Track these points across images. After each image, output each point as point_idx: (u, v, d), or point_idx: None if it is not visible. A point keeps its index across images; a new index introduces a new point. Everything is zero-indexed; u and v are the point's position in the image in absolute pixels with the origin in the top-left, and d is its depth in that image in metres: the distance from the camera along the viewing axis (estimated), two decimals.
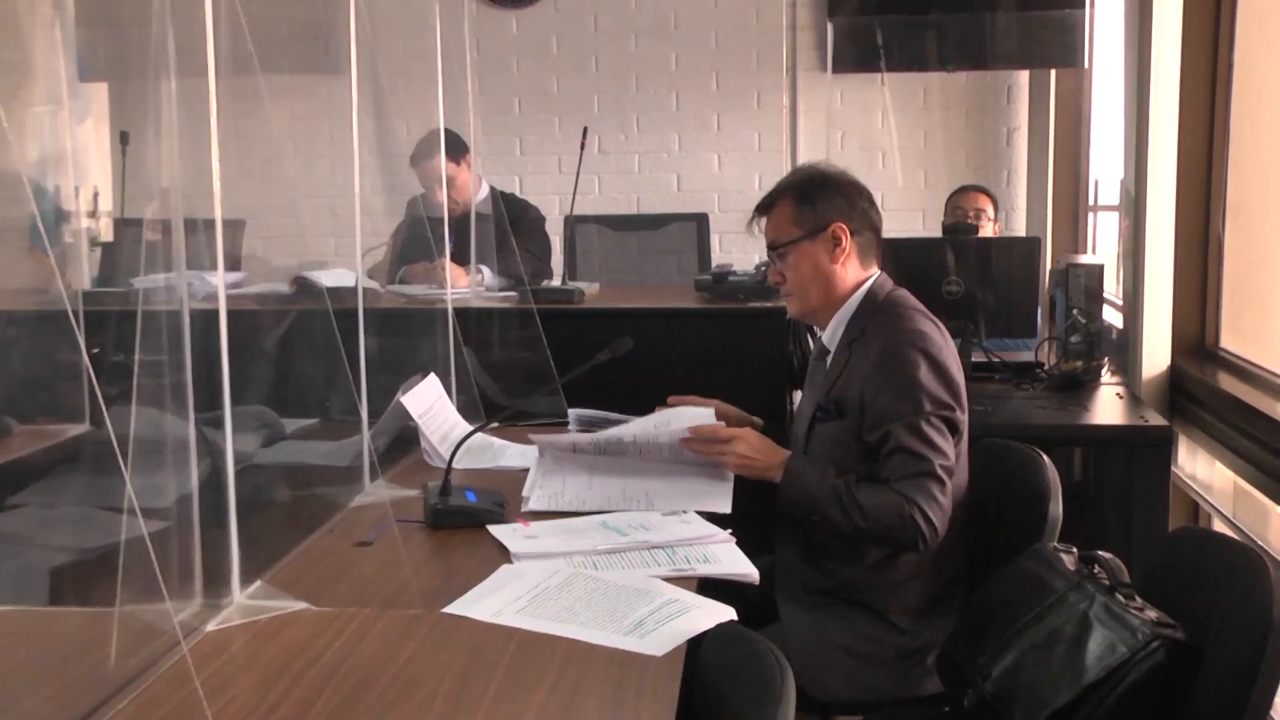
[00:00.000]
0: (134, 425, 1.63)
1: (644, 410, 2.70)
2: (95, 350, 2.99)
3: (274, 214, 4.67)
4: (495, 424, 2.75)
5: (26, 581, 2.04)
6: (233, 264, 3.76)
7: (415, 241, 4.13)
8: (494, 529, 2.17)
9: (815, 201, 2.43)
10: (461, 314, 3.16)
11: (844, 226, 2.42)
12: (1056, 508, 2.25)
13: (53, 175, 4.04)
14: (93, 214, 4.34)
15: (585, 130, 4.20)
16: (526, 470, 2.53)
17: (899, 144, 5.95)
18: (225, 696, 1.49)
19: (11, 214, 4.43)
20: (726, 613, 1.78)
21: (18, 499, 2.50)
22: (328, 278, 3.74)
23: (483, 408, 2.94)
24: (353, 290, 3.46)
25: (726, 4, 5.91)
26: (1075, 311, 3.59)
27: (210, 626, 1.72)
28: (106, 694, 1.49)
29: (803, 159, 5.03)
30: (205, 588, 1.77)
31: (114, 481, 2.33)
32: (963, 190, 5.04)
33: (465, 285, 3.98)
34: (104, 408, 1.40)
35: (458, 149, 4.17)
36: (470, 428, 2.58)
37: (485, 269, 4.08)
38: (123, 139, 4.29)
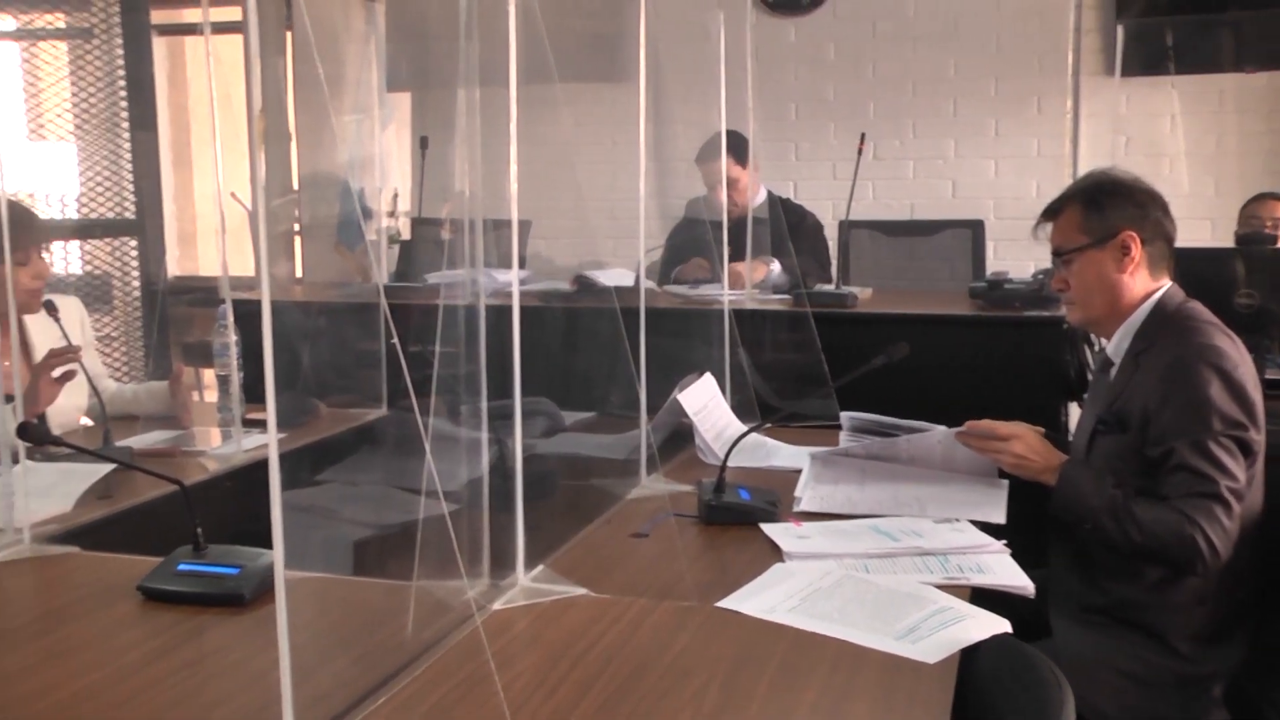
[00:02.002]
0: (432, 412, 1.73)
1: (916, 416, 2.68)
2: (393, 341, 3.21)
3: (556, 215, 4.86)
4: (769, 424, 2.78)
5: (333, 552, 2.21)
6: (518, 263, 3.94)
7: (693, 243, 4.21)
8: (766, 527, 2.20)
9: (1105, 208, 2.36)
10: (737, 315, 3.20)
11: (1134, 235, 2.33)
12: None
13: (359, 178, 4.34)
14: (392, 214, 4.63)
15: (863, 136, 4.18)
16: (798, 471, 2.55)
17: (1187, 149, 5.65)
18: (511, 672, 1.57)
19: (321, 214, 4.77)
20: (1001, 624, 1.75)
21: (324, 475, 2.69)
22: (607, 277, 3.87)
23: (757, 408, 2.97)
24: (629, 289, 3.57)
25: (1009, 8, 5.76)
26: None
27: (496, 605, 1.81)
28: (404, 661, 1.60)
29: (1085, 165, 4.85)
30: (492, 568, 1.87)
31: (409, 463, 2.49)
32: (1260, 198, 4.75)
33: (761, 277, 4.03)
34: (412, 394, 1.50)
35: (742, 151, 4.23)
36: (744, 427, 2.62)
37: (775, 263, 4.12)
38: (422, 144, 4.56)
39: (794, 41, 6.03)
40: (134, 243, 4.81)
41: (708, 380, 2.88)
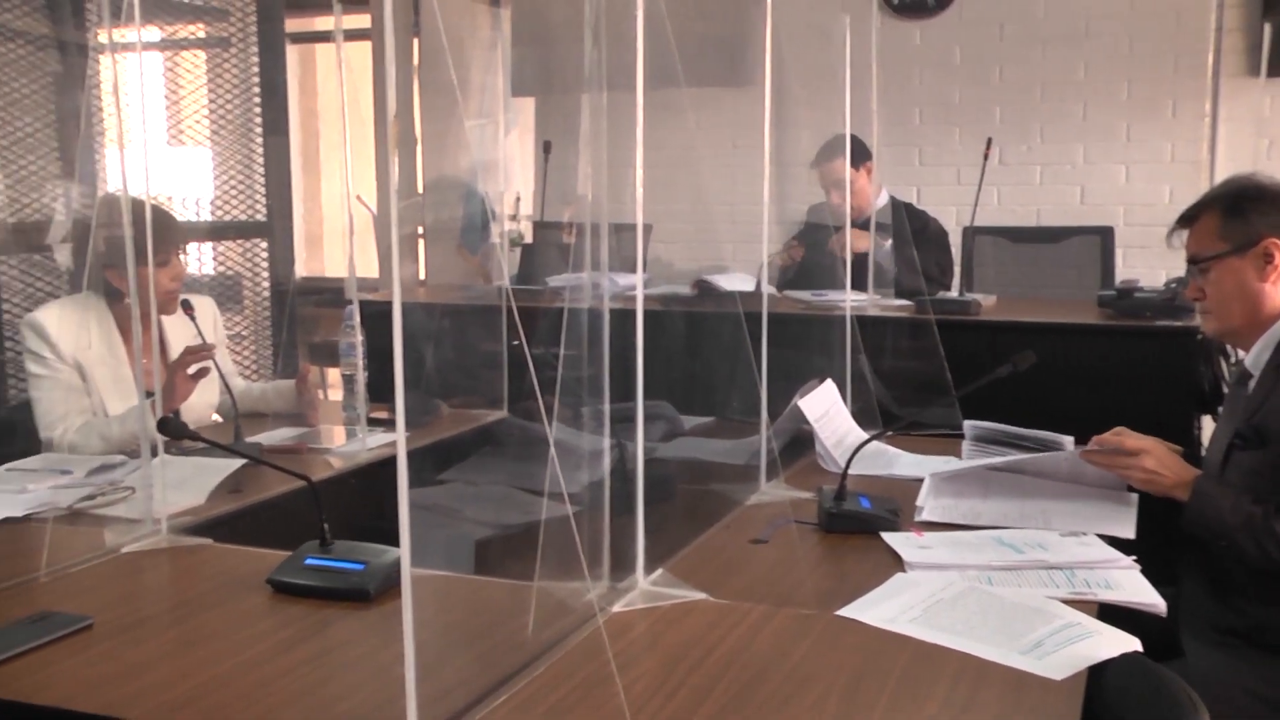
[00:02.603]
0: (556, 414, 1.74)
1: (1041, 427, 2.63)
2: (515, 343, 3.25)
3: (675, 220, 4.87)
4: (890, 432, 2.74)
5: (455, 550, 2.24)
6: (635, 266, 3.96)
7: (814, 248, 4.19)
8: (887, 536, 2.17)
9: (1247, 214, 2.28)
10: (859, 322, 3.16)
11: (1278, 243, 2.25)
12: None
13: (482, 182, 4.40)
14: (514, 217, 4.69)
15: (989, 141, 4.12)
16: (920, 480, 2.52)
17: None
18: (631, 675, 1.57)
19: (445, 217, 4.85)
20: (1131, 643, 1.70)
21: (446, 475, 2.74)
22: (727, 281, 3.87)
23: (879, 415, 2.94)
24: (748, 294, 3.56)
25: (1144, 8, 5.60)
26: None
27: (615, 607, 1.82)
28: (525, 660, 1.61)
29: (1223, 170, 4.71)
30: (611, 571, 1.87)
31: (530, 465, 2.52)
32: None
33: (865, 246, 3.99)
34: (539, 395, 1.51)
35: (859, 154, 4.19)
36: (865, 434, 2.60)
37: (888, 241, 4.08)
38: (545, 148, 4.61)
39: (919, 45, 5.95)
40: (264, 244, 4.94)
41: (829, 387, 2.85)
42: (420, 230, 5.18)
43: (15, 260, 4.07)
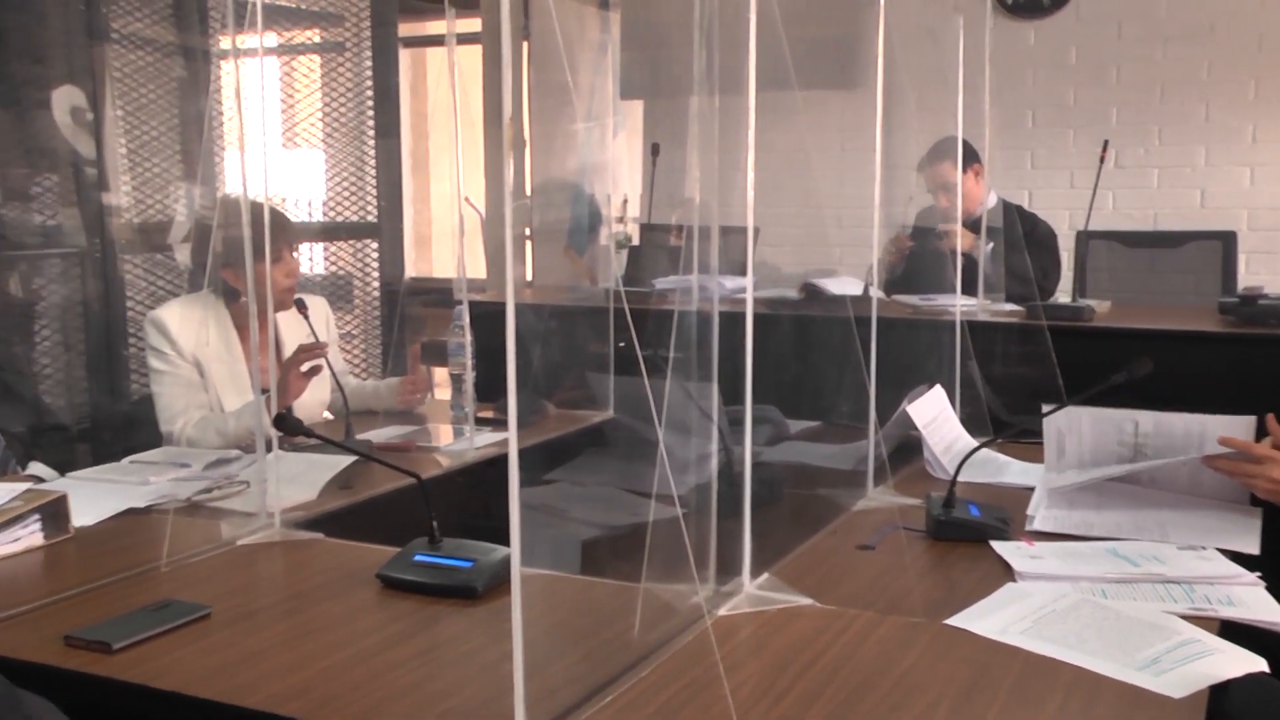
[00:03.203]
0: (665, 416, 1.74)
1: None
2: (621, 344, 3.26)
3: (782, 223, 4.84)
4: (1000, 440, 2.70)
5: (562, 550, 2.25)
6: (742, 269, 3.96)
7: (923, 252, 4.14)
8: (997, 545, 2.13)
9: None
10: (969, 327, 3.11)
11: None
12: None
13: (590, 184, 4.43)
14: (621, 219, 4.70)
15: (1105, 144, 4.03)
16: (1030, 488, 2.47)
17: None
18: (737, 678, 1.57)
19: (552, 219, 4.89)
20: (1256, 662, 1.64)
21: (552, 475, 2.75)
22: (835, 285, 3.84)
23: (989, 422, 2.89)
24: (856, 298, 3.53)
25: (1274, 4, 5.42)
26: None
27: (721, 611, 1.81)
28: (631, 661, 1.61)
29: None
30: (717, 574, 1.87)
31: (636, 466, 2.52)
32: None
33: (970, 245, 3.93)
34: (650, 396, 1.51)
35: (967, 157, 4.13)
36: (975, 441, 2.55)
37: (990, 244, 4.02)
38: (653, 151, 4.62)
39: (1033, 45, 5.84)
40: (375, 245, 5.03)
41: (937, 392, 2.81)
42: (527, 232, 5.23)
43: (139, 259, 4.20)
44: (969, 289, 3.85)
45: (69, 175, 4.02)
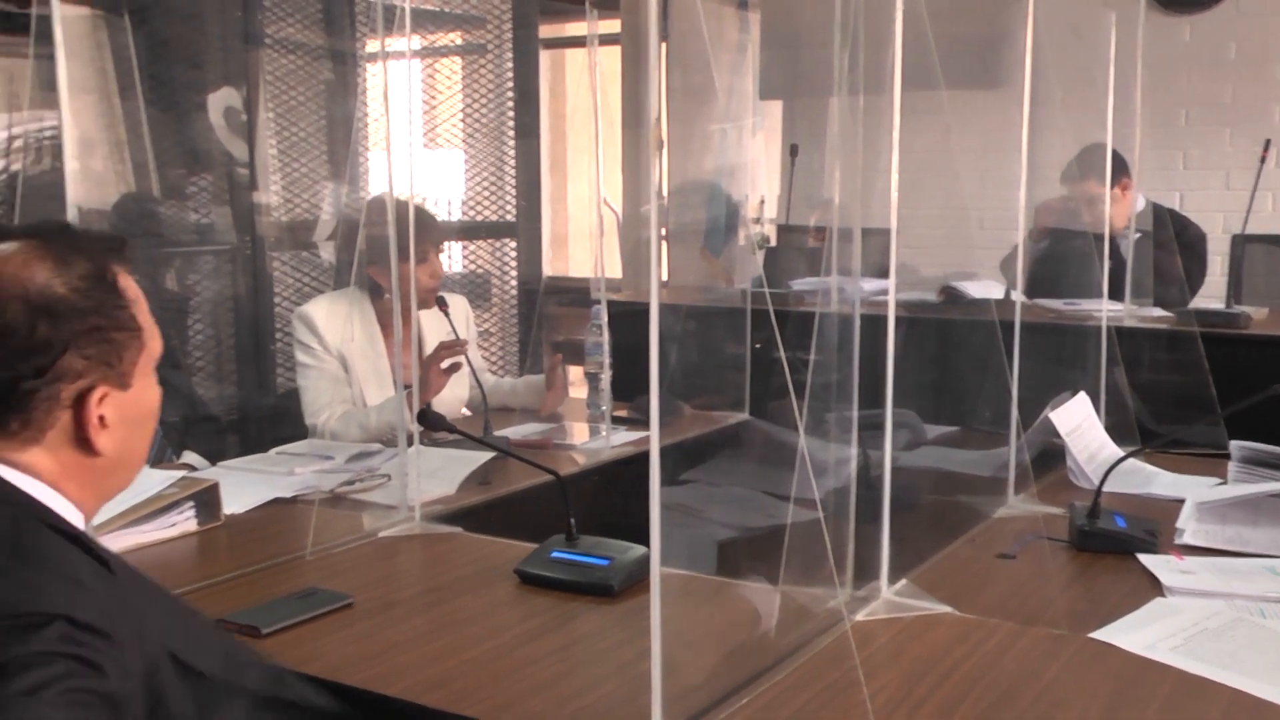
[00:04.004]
0: (804, 418, 1.73)
1: None
2: (758, 345, 3.25)
3: (921, 225, 4.76)
4: (1147, 449, 2.62)
5: (698, 550, 2.25)
6: (881, 272, 3.92)
7: (1061, 254, 4.03)
8: (1144, 558, 2.07)
9: None
10: (1116, 333, 3.03)
11: None
12: None
13: (727, 185, 4.43)
14: (758, 220, 4.69)
15: (1267, 143, 3.87)
16: (1180, 501, 2.39)
17: None
18: (875, 684, 1.55)
19: (688, 219, 4.89)
20: None
21: (688, 475, 2.76)
22: (975, 288, 3.77)
23: (1136, 431, 2.80)
24: (999, 302, 3.46)
25: None
26: None
27: (858, 616, 1.79)
28: (768, 663, 1.61)
29: None
30: (854, 579, 1.85)
31: (772, 468, 2.51)
32: None
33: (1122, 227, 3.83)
34: (794, 398, 1.50)
35: (1116, 171, 4.01)
36: (1121, 451, 2.48)
37: (1141, 197, 3.90)
38: (792, 151, 4.60)
39: (1189, 41, 5.64)
40: (513, 244, 5.09)
41: (1082, 399, 2.74)
42: (663, 232, 5.24)
43: (286, 256, 4.33)
44: (1115, 293, 3.74)
45: (222, 175, 4.16)
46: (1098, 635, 1.74)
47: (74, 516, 1.30)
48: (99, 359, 1.27)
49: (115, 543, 2.05)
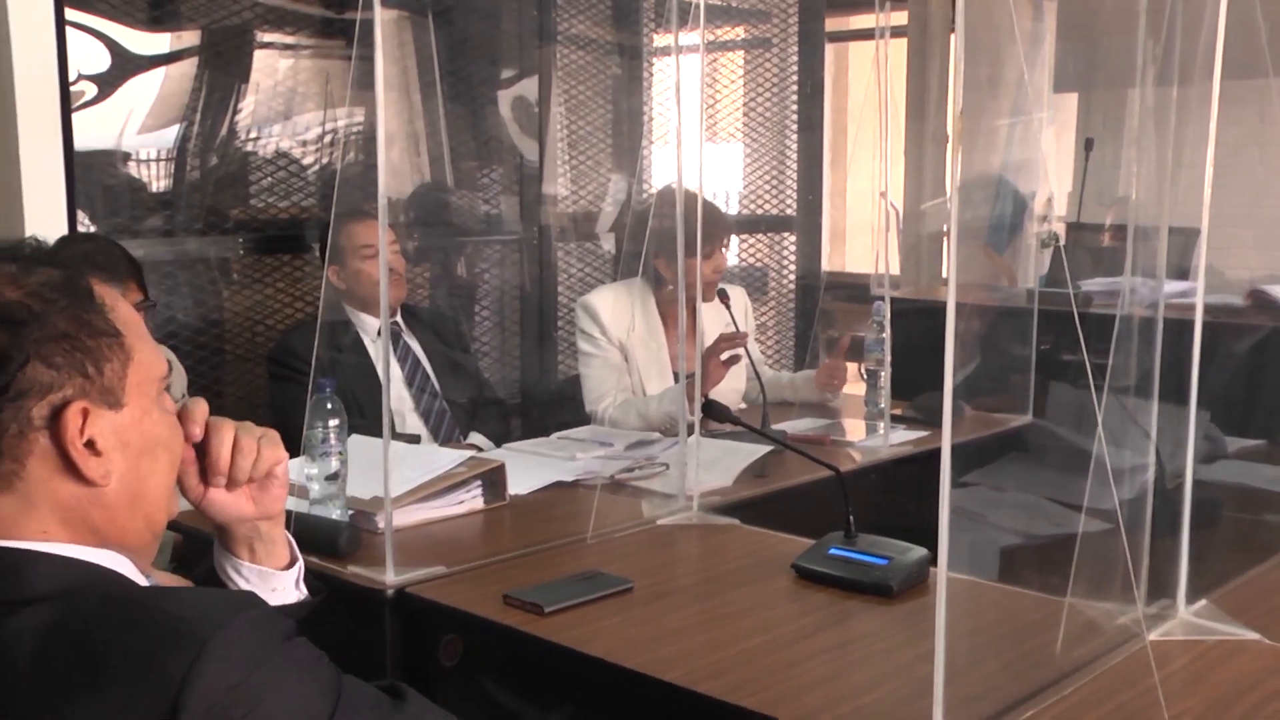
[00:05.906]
0: (1101, 424, 1.66)
1: None
2: (1045, 347, 3.13)
3: (1227, 224, 4.48)
4: None
5: (979, 555, 2.19)
6: (1180, 273, 3.71)
7: None
8: None
9: None
10: None
11: None
12: None
13: (1014, 180, 4.28)
14: (1045, 218, 4.50)
15: None
16: None
17: None
18: (1173, 710, 1.47)
19: (970, 215, 4.76)
20: None
21: (969, 478, 2.68)
22: None
23: None
24: None
25: None
26: None
27: (1151, 636, 1.70)
28: (1054, 677, 1.55)
29: None
30: (1148, 596, 1.76)
31: (1058, 474, 2.42)
32: None
33: None
34: (1096, 404, 1.44)
35: None
36: None
37: None
38: (1086, 146, 4.40)
39: None
40: (792, 239, 5.07)
41: None
42: (945, 228, 5.12)
43: (570, 246, 4.46)
44: None
45: (512, 166, 4.32)
46: None
47: (124, 568, 1.12)
48: (70, 367, 1.06)
49: (406, 517, 2.17)
